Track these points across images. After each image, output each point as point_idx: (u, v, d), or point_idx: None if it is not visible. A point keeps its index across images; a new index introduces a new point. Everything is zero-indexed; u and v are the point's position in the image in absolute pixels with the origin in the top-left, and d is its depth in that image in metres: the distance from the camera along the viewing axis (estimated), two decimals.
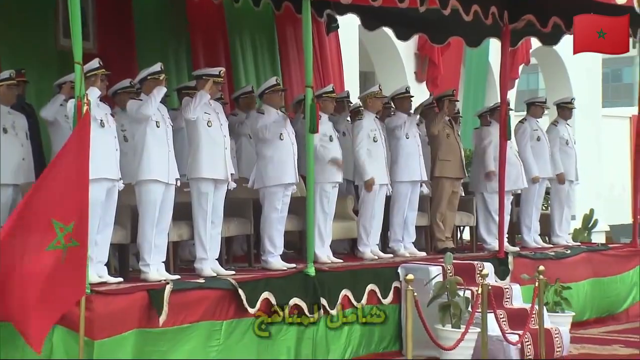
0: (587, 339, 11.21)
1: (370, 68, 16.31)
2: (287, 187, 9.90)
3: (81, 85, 7.56)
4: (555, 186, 12.84)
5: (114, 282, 8.29)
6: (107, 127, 8.36)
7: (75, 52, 7.49)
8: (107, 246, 8.43)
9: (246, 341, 8.84)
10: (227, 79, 10.51)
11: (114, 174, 8.36)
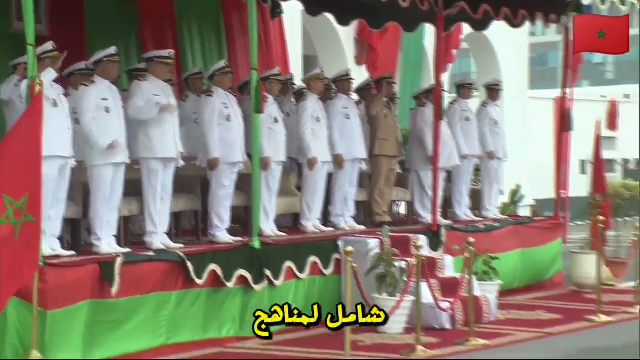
0: (514, 305, 11.33)
1: (312, 52, 16.28)
2: (234, 165, 9.87)
3: (34, 66, 7.46)
4: (484, 163, 12.91)
5: (67, 255, 8.20)
6: (60, 107, 8.21)
7: (27, 35, 7.37)
8: (60, 221, 8.31)
9: (194, 311, 8.86)
10: (175, 62, 10.37)
11: (67, 151, 8.22)
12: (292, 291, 9.72)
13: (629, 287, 11.68)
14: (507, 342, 9.41)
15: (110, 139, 8.55)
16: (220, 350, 8.80)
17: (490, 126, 12.87)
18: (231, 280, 9.08)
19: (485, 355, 8.82)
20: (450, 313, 9.79)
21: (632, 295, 11.24)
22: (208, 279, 8.90)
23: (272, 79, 10.66)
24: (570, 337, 9.78)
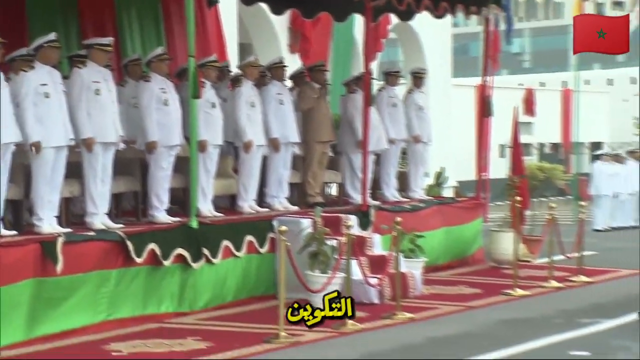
0: (438, 281, 11.45)
1: (248, 40, 16.23)
2: (172, 149, 9.85)
3: None
4: (410, 147, 13.01)
5: (9, 235, 8.09)
6: (1, 91, 8.08)
7: None
8: (1, 202, 8.17)
9: (134, 288, 8.82)
10: (115, 49, 10.32)
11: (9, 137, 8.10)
12: (230, 269, 9.71)
13: (544, 262, 11.87)
14: (431, 315, 9.52)
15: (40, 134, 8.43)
16: (158, 325, 8.76)
17: (416, 112, 12.97)
18: (169, 258, 9.04)
19: (410, 328, 8.90)
20: (378, 288, 9.87)
21: (546, 270, 11.42)
22: (147, 258, 8.86)
23: (209, 66, 10.61)
24: (490, 310, 9.92)
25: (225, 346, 7.87)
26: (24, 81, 8.51)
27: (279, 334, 8.05)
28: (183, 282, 9.22)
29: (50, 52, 8.78)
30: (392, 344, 8.14)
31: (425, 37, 19.86)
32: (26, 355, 7.60)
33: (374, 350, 7.87)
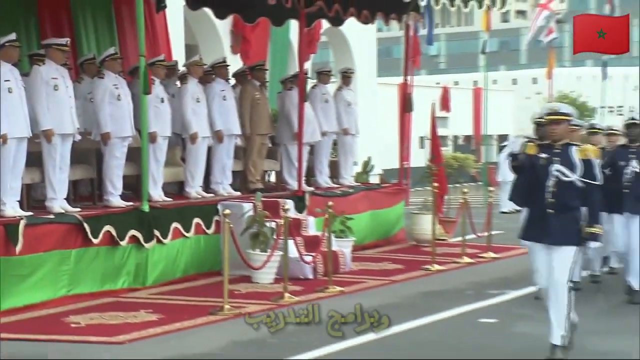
0: (365, 258, 11.53)
1: (193, 42, 16.10)
2: (125, 139, 9.79)
3: None
4: (341, 139, 13.04)
5: None
6: None
7: None
8: None
9: (92, 266, 8.77)
10: (71, 49, 10.20)
11: None
12: (179, 248, 9.68)
13: (458, 241, 12.02)
14: (359, 288, 9.58)
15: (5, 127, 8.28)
16: (114, 299, 8.72)
17: (345, 107, 13.00)
18: (124, 239, 9.00)
19: (341, 299, 8.91)
20: (312, 265, 9.90)
21: (459, 248, 11.56)
22: (103, 239, 8.81)
23: (158, 64, 10.54)
24: (410, 283, 10.02)
25: (175, 318, 7.87)
26: None
27: (224, 307, 8.07)
28: (137, 261, 9.17)
29: (11, 50, 8.67)
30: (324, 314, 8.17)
31: (353, 41, 19.92)
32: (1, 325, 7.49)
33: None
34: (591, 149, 6.54)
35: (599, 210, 6.54)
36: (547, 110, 6.57)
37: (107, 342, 7.07)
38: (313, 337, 7.15)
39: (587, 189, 6.37)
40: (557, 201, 6.34)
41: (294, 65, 14.39)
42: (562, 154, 6.40)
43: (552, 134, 6.45)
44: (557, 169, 6.34)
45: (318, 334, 7.14)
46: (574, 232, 6.37)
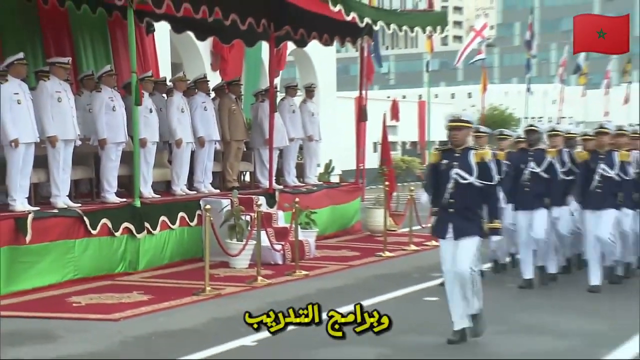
0: (327, 246, 11.56)
1: (179, 60, 16.04)
2: (119, 144, 9.75)
3: None
4: (306, 144, 13.04)
5: None
6: None
7: None
8: None
9: (93, 254, 8.73)
10: (72, 66, 10.13)
11: None
12: (167, 238, 9.64)
13: (405, 231, 12.08)
14: (322, 272, 9.62)
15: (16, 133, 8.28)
16: (111, 282, 8.70)
17: (309, 117, 13.00)
18: (119, 230, 8.98)
19: (306, 282, 8.98)
20: (281, 252, 9.94)
21: (407, 237, 11.61)
22: (101, 230, 8.79)
23: (147, 80, 10.53)
24: (365, 267, 10.06)
25: (163, 298, 7.87)
26: (1, 91, 8.30)
27: (205, 288, 8.07)
28: (130, 249, 9.15)
29: (19, 68, 8.62)
30: (292, 295, 8.19)
31: (315, 60, 19.97)
32: (6, 306, 7.47)
33: (278, 300, 7.89)
34: (486, 153, 6.35)
35: (498, 207, 6.46)
36: (450, 117, 6.39)
37: (104, 319, 7.06)
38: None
39: (484, 188, 6.21)
40: (457, 201, 6.20)
41: (265, 80, 14.41)
42: (462, 159, 6.25)
43: (454, 139, 6.30)
44: (457, 172, 6.21)
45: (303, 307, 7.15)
46: (476, 227, 6.23)
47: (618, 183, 8.33)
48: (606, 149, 8.43)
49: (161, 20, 12.03)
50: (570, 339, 6.58)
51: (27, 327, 6.79)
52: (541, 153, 8.51)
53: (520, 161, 8.58)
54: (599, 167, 8.31)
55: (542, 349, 6.34)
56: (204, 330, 6.86)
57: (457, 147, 6.30)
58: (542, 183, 8.43)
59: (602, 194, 8.29)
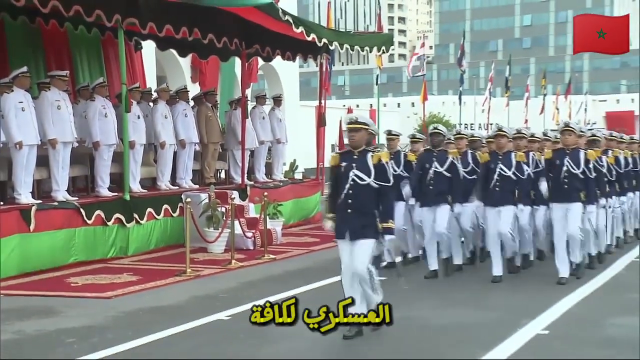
0: (291, 233, 11.56)
1: (163, 73, 15.96)
2: (111, 146, 9.70)
3: None
4: (274, 146, 13.01)
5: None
6: None
7: None
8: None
9: (89, 241, 8.68)
10: (70, 78, 10.05)
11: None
12: (153, 227, 9.59)
13: None
14: (287, 256, 9.60)
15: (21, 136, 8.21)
16: (104, 265, 8.66)
17: (277, 122, 12.85)
18: (111, 220, 8.92)
19: (273, 264, 8.97)
20: (252, 239, 9.94)
21: None
22: (96, 220, 8.73)
23: (135, 90, 10.48)
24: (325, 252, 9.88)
25: (149, 279, 7.85)
26: (7, 100, 8.26)
27: (186, 270, 8.06)
28: (121, 236, 9.09)
29: (23, 80, 8.55)
30: (262, 275, 8.24)
31: (281, 73, 20.01)
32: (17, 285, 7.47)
33: (250, 280, 7.96)
34: (383, 154, 5.66)
35: (392, 208, 5.73)
36: (348, 120, 5.65)
37: (98, 297, 7.04)
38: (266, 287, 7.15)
39: (381, 189, 5.53)
40: (355, 202, 5.49)
41: (238, 91, 14.42)
42: (360, 160, 5.55)
43: (351, 140, 5.60)
44: (355, 173, 5.51)
45: (271, 286, 7.16)
46: (372, 228, 5.51)
47: (515, 181, 7.78)
48: (504, 151, 7.85)
49: (147, 39, 11.98)
50: (493, 312, 6.64)
51: (32, 304, 6.75)
52: (444, 154, 8.00)
53: (426, 161, 8.05)
54: (497, 167, 7.78)
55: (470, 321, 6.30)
56: (185, 306, 6.86)
57: (355, 148, 5.61)
58: (445, 181, 7.93)
59: (500, 192, 7.76)
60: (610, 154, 9.19)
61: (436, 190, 7.94)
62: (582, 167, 7.59)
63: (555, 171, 7.69)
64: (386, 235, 5.56)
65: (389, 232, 5.57)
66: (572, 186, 7.60)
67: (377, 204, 5.55)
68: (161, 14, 9.49)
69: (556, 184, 7.70)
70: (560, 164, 7.63)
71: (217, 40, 10.83)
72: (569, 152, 7.68)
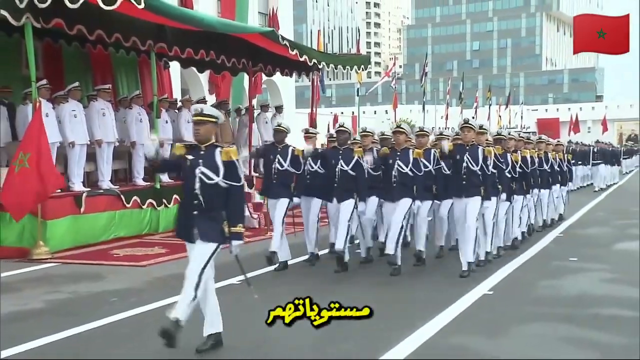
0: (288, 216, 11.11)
1: (186, 86, 15.92)
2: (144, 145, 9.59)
3: (36, 93, 7.16)
4: None
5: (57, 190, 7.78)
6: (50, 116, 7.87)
7: (31, 76, 7.08)
8: None
9: (127, 221, 8.64)
10: (113, 91, 10.03)
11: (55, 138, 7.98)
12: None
13: None
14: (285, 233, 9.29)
15: (73, 137, 8.20)
16: (139, 240, 8.64)
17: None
18: (145, 204, 8.92)
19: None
20: (258, 220, 9.86)
21: None
22: (133, 204, 8.72)
23: (164, 100, 10.49)
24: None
25: (176, 251, 7.69)
26: (63, 108, 8.27)
27: None
28: (153, 217, 9.09)
29: (75, 92, 8.55)
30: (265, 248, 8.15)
31: (281, 87, 19.97)
32: (71, 255, 7.46)
33: (256, 252, 7.74)
34: (232, 151, 4.08)
35: (242, 210, 4.19)
36: (193, 111, 4.16)
37: (134, 265, 7.04)
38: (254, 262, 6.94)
39: (230, 189, 4.01)
40: (201, 202, 3.98)
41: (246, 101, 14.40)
42: (207, 156, 4.03)
43: (196, 134, 4.10)
44: (202, 171, 3.99)
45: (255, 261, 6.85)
46: (217, 231, 4.01)
47: (412, 177, 6.45)
48: (402, 147, 6.52)
49: (173, 59, 11.91)
50: (446, 279, 6.48)
51: (83, 271, 6.78)
52: (349, 152, 6.57)
53: (332, 159, 6.63)
54: (396, 163, 6.48)
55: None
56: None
57: (202, 143, 4.06)
58: (351, 179, 6.50)
59: (398, 187, 6.44)
60: (519, 154, 7.99)
61: (341, 188, 6.53)
62: (480, 163, 6.42)
63: (455, 167, 6.52)
64: (234, 241, 4.06)
65: (237, 238, 4.07)
66: (470, 182, 6.41)
67: (225, 205, 4.03)
68: (184, 39, 9.51)
69: (456, 179, 6.53)
70: (460, 159, 6.46)
71: (227, 60, 10.81)
72: (468, 149, 6.47)
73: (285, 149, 6.42)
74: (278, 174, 6.73)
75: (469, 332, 4.60)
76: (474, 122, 6.59)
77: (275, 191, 6.72)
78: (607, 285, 6.19)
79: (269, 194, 6.81)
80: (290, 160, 6.61)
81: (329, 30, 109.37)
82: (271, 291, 5.51)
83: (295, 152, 6.04)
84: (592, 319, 4.98)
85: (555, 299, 5.61)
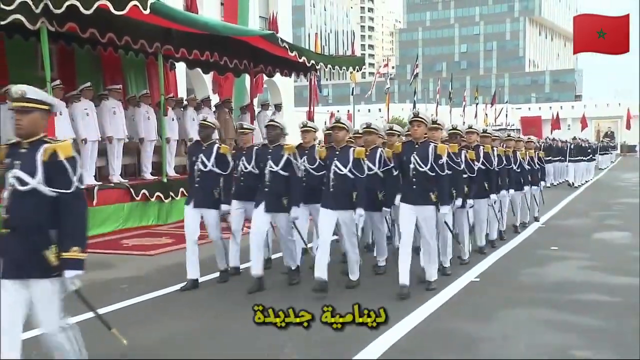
0: None
1: (191, 86, 15.87)
2: (152, 142, 9.71)
3: (51, 94, 7.02)
4: None
5: None
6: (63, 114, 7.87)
7: (46, 76, 7.00)
8: None
9: (136, 212, 8.65)
10: (122, 90, 9.98)
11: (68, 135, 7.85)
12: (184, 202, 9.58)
13: None
14: None
15: (85, 134, 8.15)
16: (147, 230, 8.64)
17: None
18: (153, 197, 8.91)
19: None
20: None
21: None
22: (141, 197, 8.71)
23: (170, 99, 10.40)
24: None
25: (182, 241, 7.55)
26: (76, 107, 8.23)
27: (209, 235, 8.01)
28: (160, 209, 9.09)
29: (87, 92, 8.53)
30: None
31: (281, 86, 19.93)
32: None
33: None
34: (63, 147, 2.83)
35: (82, 228, 2.97)
36: (13, 94, 2.76)
37: (143, 254, 7.03)
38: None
39: (60, 199, 2.79)
40: (15, 219, 2.74)
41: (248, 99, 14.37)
42: (27, 155, 2.77)
43: (18, 128, 2.80)
44: (15, 175, 2.74)
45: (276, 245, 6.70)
46: (39, 261, 2.79)
47: (352, 180, 4.95)
48: (341, 146, 5.13)
49: (179, 61, 11.84)
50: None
51: (94, 259, 6.73)
52: (279, 150, 5.17)
53: (261, 159, 5.25)
54: (333, 163, 5.04)
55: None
56: (209, 262, 6.69)
57: (25, 138, 2.79)
58: (282, 181, 5.10)
59: (335, 192, 4.96)
60: (481, 150, 6.49)
61: (271, 193, 5.13)
62: (430, 163, 4.89)
63: (403, 168, 5.03)
64: (67, 271, 2.84)
65: (73, 266, 2.86)
66: (420, 186, 4.89)
67: (53, 221, 2.78)
68: (189, 42, 9.49)
69: (405, 182, 5.00)
70: (407, 160, 4.97)
71: (230, 62, 10.78)
72: (417, 147, 4.98)
73: (209, 148, 4.90)
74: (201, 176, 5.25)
75: (457, 317, 4.62)
76: (425, 115, 5.06)
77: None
78: (586, 272, 6.22)
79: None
80: (215, 160, 5.13)
81: (326, 34, 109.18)
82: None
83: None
84: (572, 304, 5.01)
85: (537, 286, 5.64)
